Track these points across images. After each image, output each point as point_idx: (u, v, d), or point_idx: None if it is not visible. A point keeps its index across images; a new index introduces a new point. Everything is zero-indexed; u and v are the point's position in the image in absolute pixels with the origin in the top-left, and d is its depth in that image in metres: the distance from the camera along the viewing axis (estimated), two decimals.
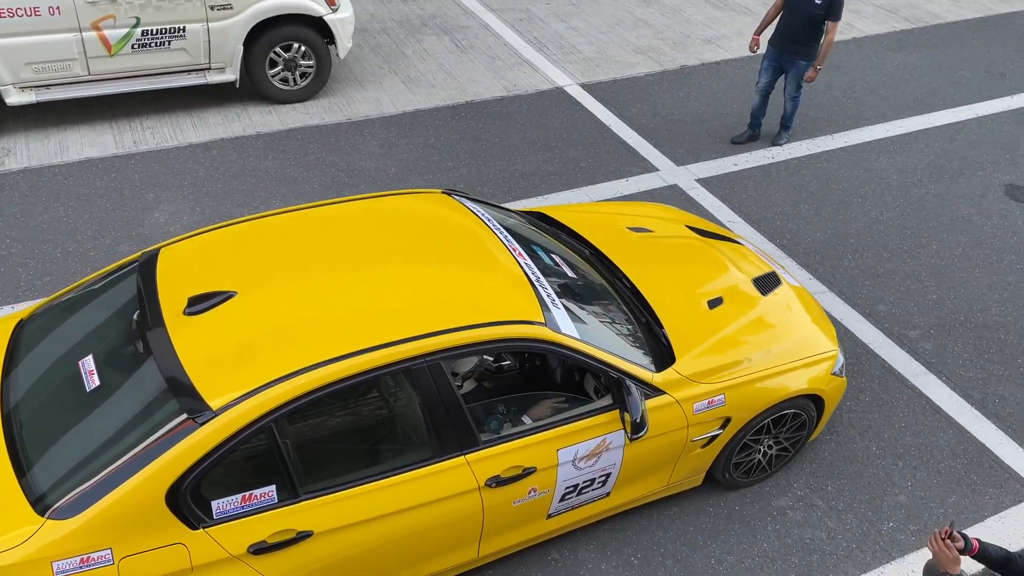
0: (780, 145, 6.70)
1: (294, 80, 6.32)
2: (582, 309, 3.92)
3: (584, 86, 7.25)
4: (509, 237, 4.00)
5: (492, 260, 3.77)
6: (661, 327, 4.06)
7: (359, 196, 4.06)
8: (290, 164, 6.01)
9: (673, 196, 6.31)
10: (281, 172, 5.91)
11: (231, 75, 5.85)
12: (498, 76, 7.43)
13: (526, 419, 3.74)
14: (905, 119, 7.20)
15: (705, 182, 6.44)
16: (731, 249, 4.68)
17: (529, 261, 3.90)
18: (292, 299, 3.40)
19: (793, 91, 6.67)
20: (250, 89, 6.71)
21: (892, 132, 7.01)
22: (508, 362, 4.14)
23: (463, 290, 3.55)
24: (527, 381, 4.20)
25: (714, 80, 7.75)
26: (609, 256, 4.43)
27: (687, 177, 6.47)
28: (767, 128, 6.93)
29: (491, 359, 4.08)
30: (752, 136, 6.78)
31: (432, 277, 3.58)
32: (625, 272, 4.32)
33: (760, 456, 4.31)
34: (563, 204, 5.65)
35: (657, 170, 6.51)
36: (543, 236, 4.35)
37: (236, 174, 5.85)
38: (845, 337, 5.16)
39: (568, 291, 3.97)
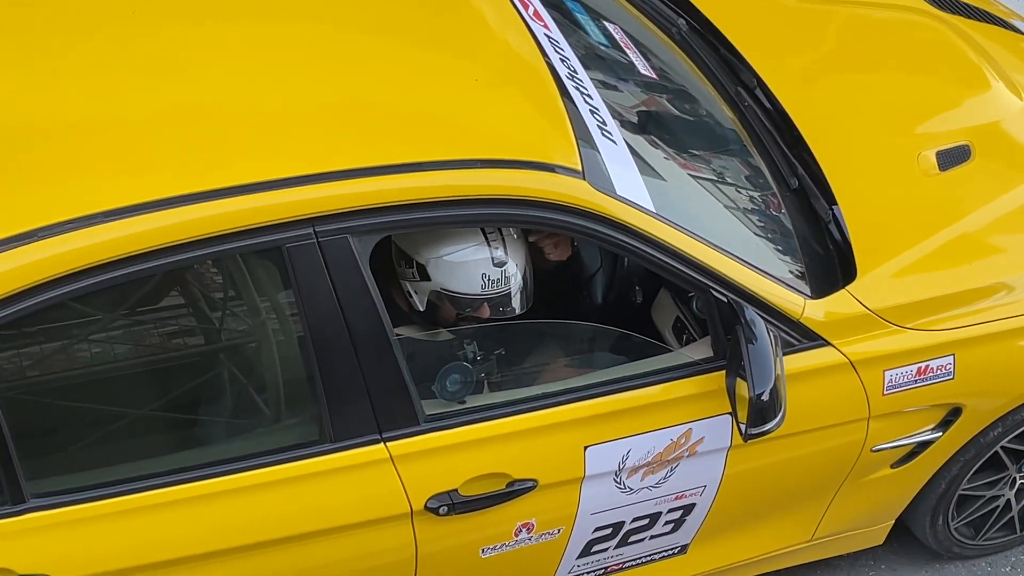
0: None
1: None
2: (664, 151, 3.97)
3: None
4: None
5: (472, 22, 3.92)
6: (832, 203, 4.06)
7: None
8: None
9: None
10: None
11: None
12: None
13: (524, 378, 3.79)
14: None
15: None
16: (1001, 43, 4.72)
17: (556, 32, 3.95)
18: (28, 71, 3.48)
19: None
20: None
21: None
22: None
23: (404, 87, 3.62)
24: (534, 294, 4.15)
25: None
26: (730, 39, 4.51)
27: None
28: None
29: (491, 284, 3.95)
30: None
31: (338, 52, 3.68)
32: (764, 79, 4.36)
33: (1010, 495, 4.36)
34: None
35: None
36: None
37: None
38: None
39: (636, 109, 4.04)
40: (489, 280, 3.67)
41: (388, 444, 3.52)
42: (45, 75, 3.46)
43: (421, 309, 3.73)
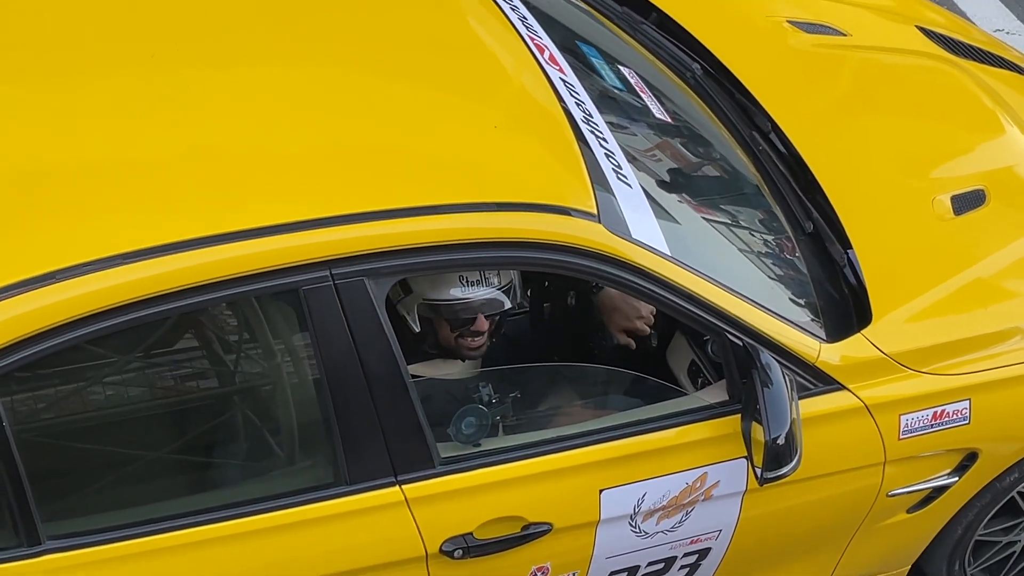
0: None
1: None
2: (679, 195, 3.96)
3: None
4: (530, 19, 4.07)
5: (488, 67, 3.90)
6: (847, 247, 4.04)
7: None
8: None
9: None
10: None
11: None
12: None
13: (539, 421, 3.79)
14: None
15: None
16: (1015, 88, 4.71)
17: (571, 77, 3.93)
18: (47, 114, 3.48)
19: None
20: None
21: None
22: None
23: (421, 130, 3.62)
24: (548, 338, 4.17)
25: None
26: (745, 82, 4.48)
27: None
28: None
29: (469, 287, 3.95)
30: None
31: (356, 95, 3.68)
32: (778, 123, 4.34)
33: None
34: None
35: None
36: (603, 26, 4.48)
37: None
38: None
39: (651, 153, 4.01)
40: (467, 280, 3.65)
41: (403, 487, 3.50)
42: (64, 117, 3.46)
43: (416, 329, 3.72)
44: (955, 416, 3.93)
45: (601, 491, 3.67)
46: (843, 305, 3.99)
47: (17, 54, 3.62)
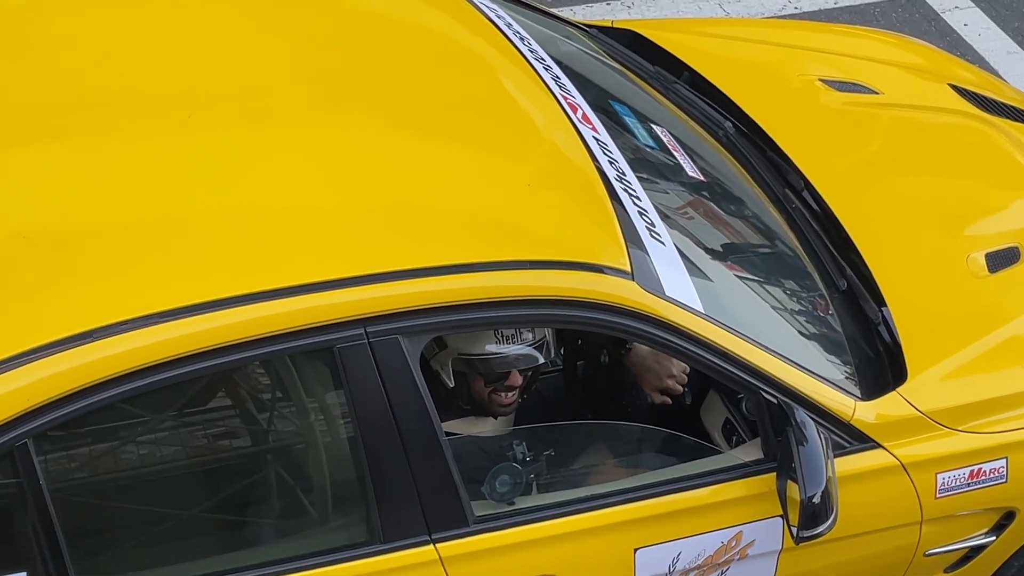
0: None
1: None
2: (713, 252, 3.96)
3: None
4: (563, 79, 4.04)
5: (522, 126, 3.90)
6: (882, 304, 4.03)
7: None
8: None
9: (915, 20, 6.48)
10: None
11: None
12: None
13: (574, 479, 3.77)
14: None
15: None
16: None
17: (604, 135, 3.93)
18: (87, 174, 3.49)
19: None
20: None
21: None
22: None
23: (455, 189, 3.64)
24: (582, 396, 4.18)
25: None
26: (779, 142, 4.46)
27: None
28: None
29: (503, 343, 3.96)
30: None
31: (390, 155, 3.68)
32: (811, 180, 4.34)
33: None
34: (682, 18, 5.68)
35: None
36: (636, 85, 4.46)
37: None
38: None
39: (684, 211, 4.00)
40: (502, 336, 3.65)
41: (437, 545, 3.48)
42: (102, 177, 3.48)
43: (451, 384, 3.71)
44: (992, 475, 3.90)
45: (636, 550, 3.65)
46: (878, 363, 3.97)
47: (56, 114, 3.65)
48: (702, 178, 4.25)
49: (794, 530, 3.59)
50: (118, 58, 3.83)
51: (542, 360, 3.74)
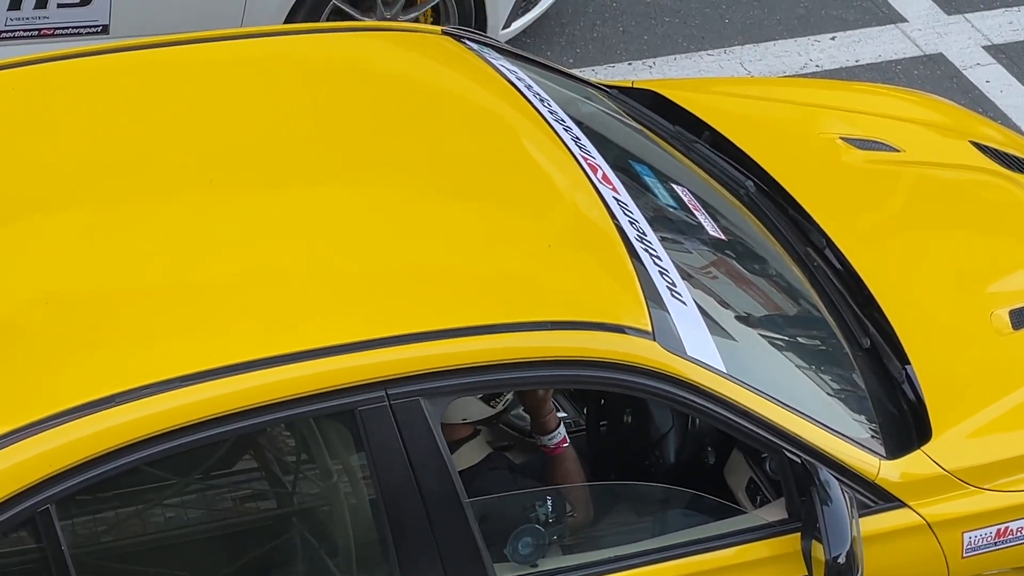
0: None
1: None
2: (734, 311, 3.97)
3: None
4: (583, 139, 4.04)
5: (542, 186, 3.91)
6: (905, 362, 4.01)
7: (296, 28, 4.37)
8: None
9: (936, 78, 6.50)
10: None
11: None
12: None
13: (597, 540, 3.76)
14: None
15: (1005, 51, 6.45)
16: None
17: (624, 195, 3.93)
18: (109, 239, 3.51)
19: None
20: None
21: None
22: (562, 413, 4.14)
23: (476, 250, 3.66)
24: (605, 457, 4.17)
25: None
26: (799, 199, 4.46)
27: (965, 38, 6.75)
28: None
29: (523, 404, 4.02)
30: None
31: (411, 216, 3.68)
32: (833, 238, 4.33)
33: None
34: (702, 78, 5.72)
35: (904, 21, 6.79)
36: (656, 144, 4.44)
37: None
38: None
39: (705, 270, 4.00)
40: None
41: None
42: (125, 241, 3.50)
43: None
44: (1020, 533, 3.87)
45: None
46: (902, 421, 3.96)
47: (79, 181, 3.68)
48: (723, 237, 4.25)
49: None
50: (141, 125, 3.87)
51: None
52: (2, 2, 6.12)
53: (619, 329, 3.50)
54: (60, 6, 6.25)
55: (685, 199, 4.28)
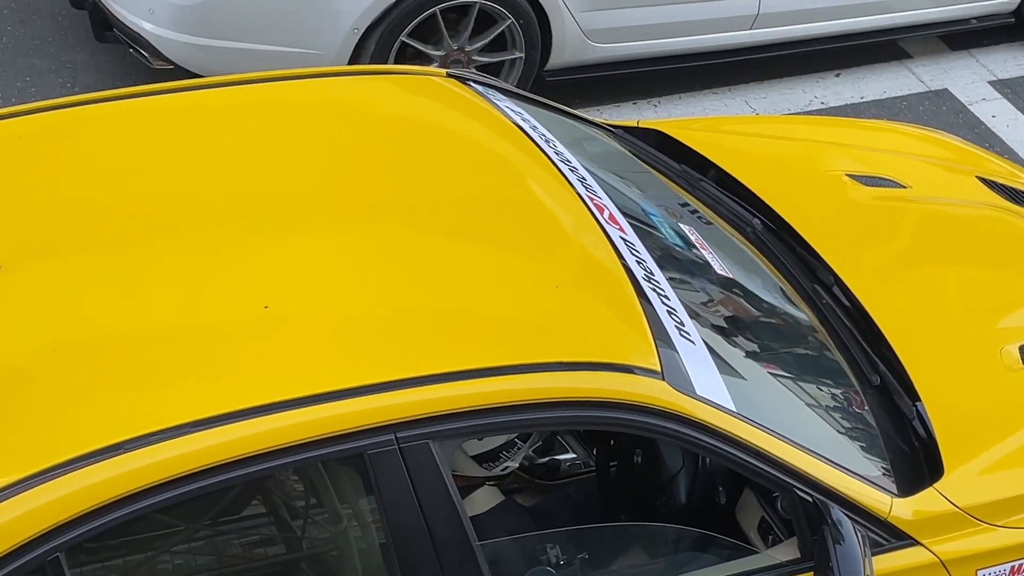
0: None
1: None
2: (744, 350, 3.97)
3: None
4: (589, 180, 4.05)
5: (549, 227, 3.90)
6: (916, 399, 4.02)
7: (300, 73, 4.30)
8: None
9: (942, 113, 6.55)
10: None
11: None
12: None
13: None
14: None
15: (1011, 86, 6.57)
16: None
17: (631, 235, 3.96)
18: (118, 285, 3.51)
19: None
20: None
21: None
22: (571, 454, 4.11)
23: (482, 292, 3.65)
24: (616, 498, 4.16)
25: None
26: (806, 237, 4.47)
27: (970, 73, 6.82)
28: None
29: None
30: None
31: (418, 259, 3.70)
32: (841, 276, 4.34)
33: None
34: (707, 117, 5.76)
35: (909, 57, 6.87)
36: (662, 184, 4.49)
37: None
38: None
39: (713, 309, 4.00)
40: None
41: None
42: (131, 287, 3.51)
43: None
44: None
45: None
46: (914, 458, 3.95)
47: (86, 226, 3.70)
48: (731, 275, 4.26)
49: None
50: (148, 171, 3.89)
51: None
52: None
53: (628, 369, 3.50)
54: None
55: (692, 238, 4.31)
